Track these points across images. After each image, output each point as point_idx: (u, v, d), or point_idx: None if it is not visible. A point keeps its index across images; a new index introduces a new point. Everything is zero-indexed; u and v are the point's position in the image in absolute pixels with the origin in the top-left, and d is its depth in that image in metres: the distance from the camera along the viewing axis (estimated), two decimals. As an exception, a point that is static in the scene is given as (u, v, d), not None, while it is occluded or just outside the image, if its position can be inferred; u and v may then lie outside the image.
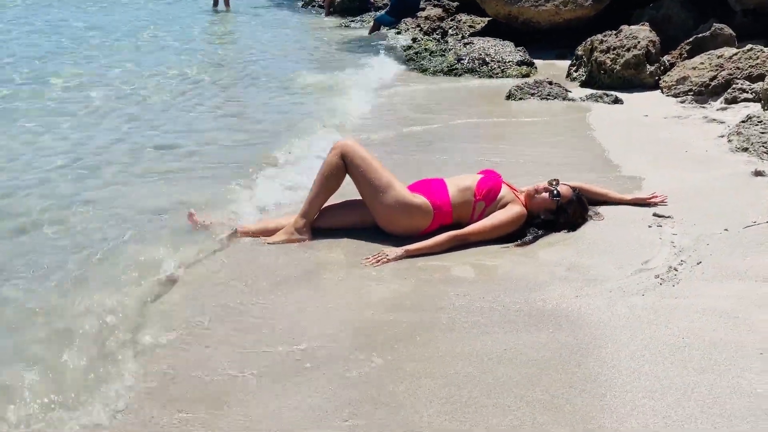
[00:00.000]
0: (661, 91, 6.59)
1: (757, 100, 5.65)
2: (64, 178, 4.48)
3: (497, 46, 8.35)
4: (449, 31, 10.60)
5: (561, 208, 3.59)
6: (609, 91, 6.59)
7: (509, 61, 8.06)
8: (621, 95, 6.53)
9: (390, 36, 10.77)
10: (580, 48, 7.49)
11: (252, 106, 6.58)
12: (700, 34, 6.98)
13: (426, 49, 9.61)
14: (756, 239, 3.29)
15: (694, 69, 6.34)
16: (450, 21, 11.01)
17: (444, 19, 11.14)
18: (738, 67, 6.09)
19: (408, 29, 10.81)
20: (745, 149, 4.61)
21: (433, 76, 8.10)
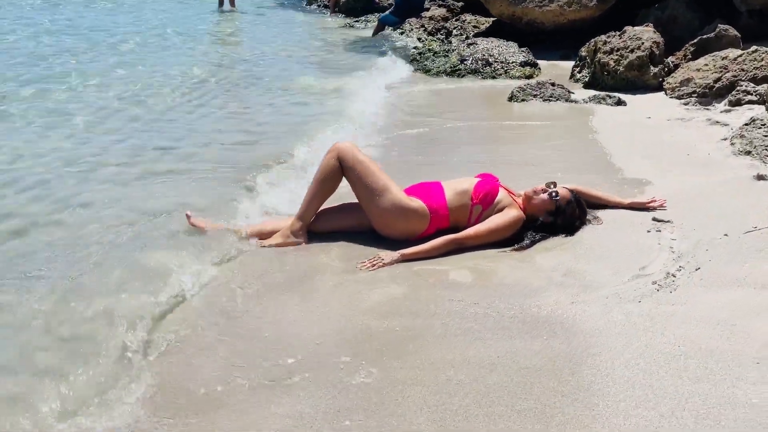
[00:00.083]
0: (665, 93, 6.53)
1: (762, 102, 5.60)
2: (64, 179, 4.48)
3: (501, 47, 8.32)
4: (453, 32, 10.57)
5: (560, 209, 3.55)
6: (612, 93, 6.54)
7: (512, 62, 8.02)
8: (624, 97, 6.48)
9: (394, 36, 10.73)
10: (584, 49, 7.44)
11: (255, 108, 6.56)
12: (704, 36, 6.92)
13: (429, 49, 9.59)
14: (756, 245, 3.25)
15: (698, 71, 6.29)
16: (455, 21, 10.96)
17: (448, 20, 11.11)
18: (742, 69, 6.03)
19: (412, 29, 10.77)
20: (747, 152, 4.56)
21: (436, 77, 8.07)
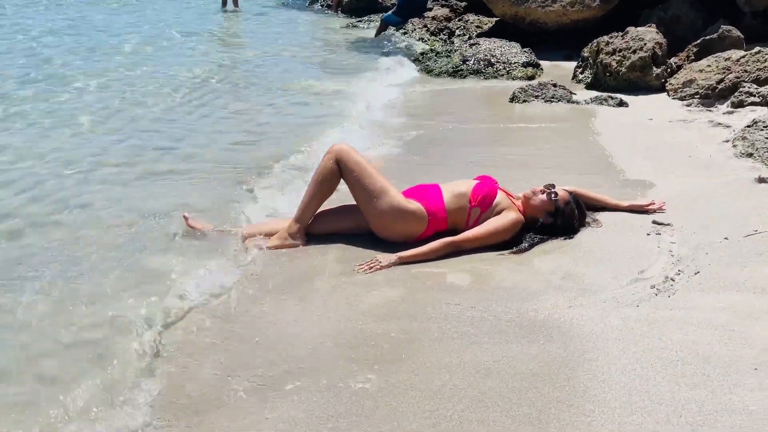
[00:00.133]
0: (668, 94, 6.49)
1: (765, 104, 5.56)
2: (64, 180, 4.49)
3: (503, 47, 8.28)
4: (456, 32, 10.53)
5: (559, 209, 3.53)
6: (614, 94, 6.50)
7: (515, 63, 7.99)
8: (626, 98, 6.45)
9: (397, 37, 10.70)
10: (586, 49, 7.41)
11: (256, 108, 6.52)
12: (707, 36, 6.88)
13: (432, 49, 9.56)
14: (756, 249, 3.22)
15: (701, 72, 6.25)
16: (457, 21, 10.93)
17: (451, 20, 11.07)
18: (745, 70, 5.99)
19: (415, 30, 10.74)
20: (749, 155, 4.53)
21: (438, 77, 8.03)
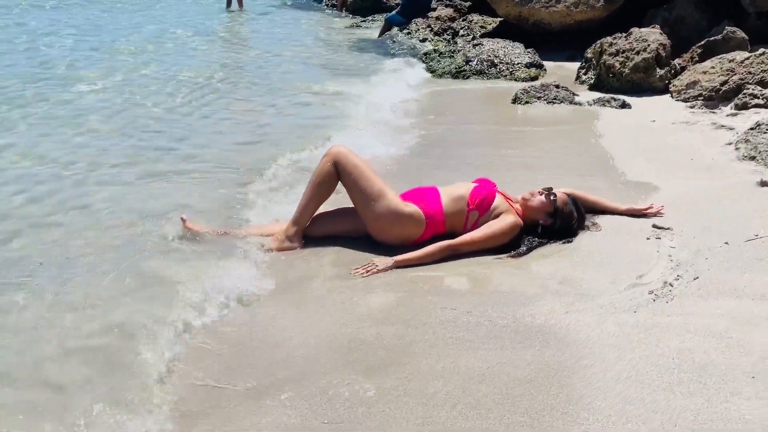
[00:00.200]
0: (671, 96, 6.45)
1: (769, 106, 5.52)
2: (63, 181, 4.46)
3: (506, 48, 8.25)
4: (460, 32, 10.50)
5: (558, 210, 3.52)
6: (617, 95, 6.45)
7: (518, 63, 7.96)
8: (629, 99, 6.41)
9: (400, 37, 10.67)
10: (590, 50, 7.36)
11: (257, 109, 6.50)
12: (711, 37, 6.83)
13: (435, 50, 9.54)
14: (756, 254, 3.19)
15: (705, 73, 6.20)
16: (462, 21, 10.89)
17: (455, 20, 11.04)
18: (750, 72, 5.94)
19: (418, 30, 10.71)
20: (752, 158, 4.48)
21: (441, 78, 8.01)
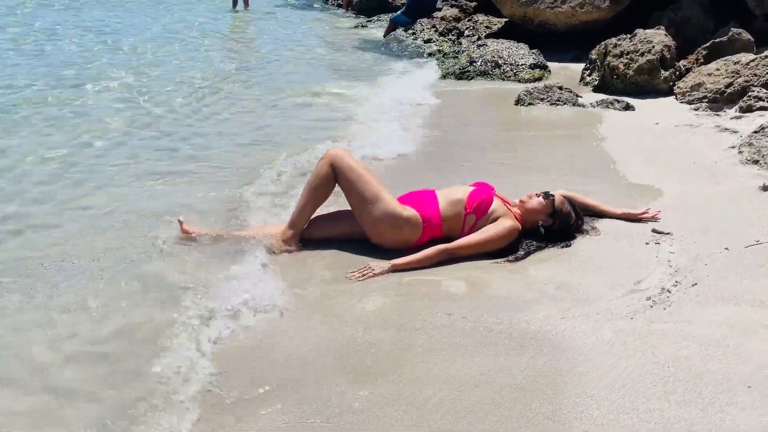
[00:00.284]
0: (675, 98, 6.39)
1: (773, 108, 5.47)
2: (63, 182, 4.45)
3: (511, 49, 8.20)
4: (465, 32, 10.45)
5: (556, 210, 3.51)
6: (621, 97, 6.40)
7: (522, 64, 7.91)
8: (633, 101, 6.36)
9: (405, 37, 10.64)
10: (594, 52, 7.31)
11: (259, 111, 6.45)
12: (717, 39, 6.77)
13: (440, 50, 9.51)
14: (756, 260, 3.15)
15: (710, 75, 6.15)
16: (467, 21, 10.84)
17: (460, 20, 10.99)
18: (755, 74, 5.88)
19: (423, 30, 10.67)
20: (755, 161, 4.44)
21: (444, 79, 7.97)
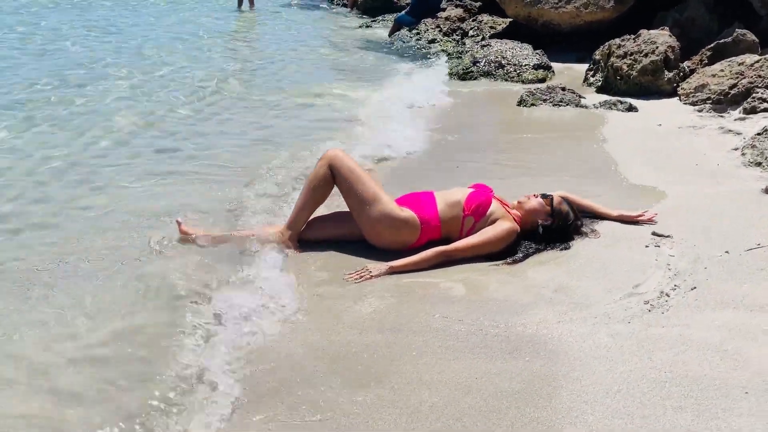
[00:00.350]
0: (679, 99, 6.35)
1: (778, 110, 5.42)
2: (63, 182, 4.45)
3: (515, 49, 8.17)
4: (470, 32, 10.42)
5: (555, 209, 3.50)
6: (624, 98, 6.36)
7: (526, 65, 7.88)
8: (637, 102, 6.32)
9: (409, 37, 10.62)
10: (598, 52, 7.26)
11: (261, 111, 6.44)
12: (721, 40, 6.72)
13: (444, 50, 9.48)
14: (757, 264, 3.12)
15: (714, 76, 6.10)
16: (471, 22, 10.81)
17: (465, 20, 10.96)
18: (759, 75, 5.83)
19: (427, 30, 10.65)
20: (758, 164, 4.41)
21: (448, 79, 7.94)
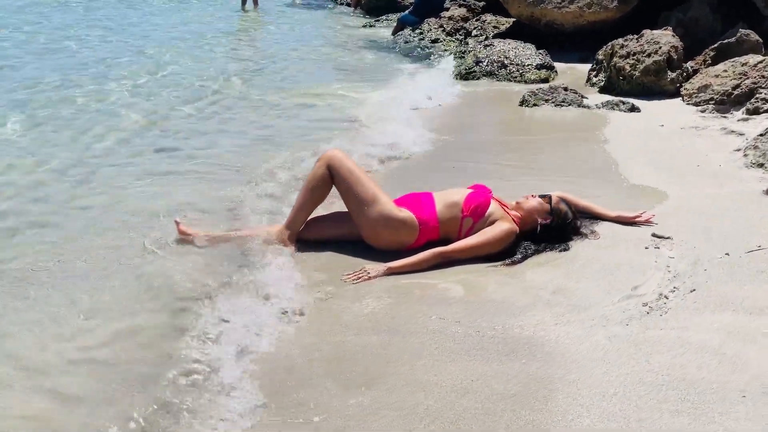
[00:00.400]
0: (682, 99, 6.31)
1: (781, 111, 5.39)
2: (63, 183, 4.45)
3: (517, 49, 8.14)
4: (473, 32, 10.40)
5: (554, 208, 3.49)
6: (626, 99, 6.33)
7: (528, 65, 7.85)
8: (639, 103, 6.29)
9: (412, 37, 10.61)
10: (601, 52, 7.22)
11: (263, 111, 6.44)
12: (725, 40, 6.69)
13: (446, 50, 9.47)
14: (757, 266, 3.10)
15: (717, 77, 6.06)
16: (475, 21, 10.78)
17: (468, 20, 10.93)
18: (763, 76, 5.79)
19: (431, 30, 10.63)
20: (760, 165, 4.37)
21: (451, 79, 7.92)
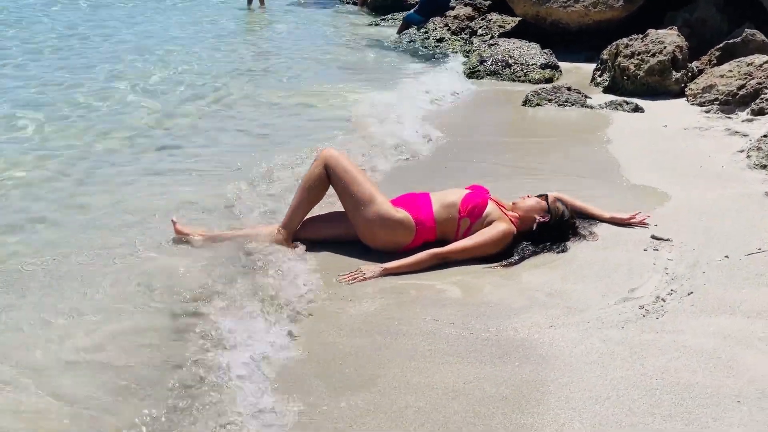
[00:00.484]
0: (687, 99, 6.27)
1: (787, 111, 5.34)
2: (63, 182, 4.44)
3: (522, 48, 8.10)
4: (478, 31, 10.36)
5: (552, 209, 3.47)
6: (631, 99, 6.28)
7: (533, 64, 7.81)
8: (643, 103, 6.24)
9: (418, 36, 10.57)
10: (605, 52, 7.18)
11: (263, 110, 6.41)
12: (731, 40, 6.63)
13: (452, 49, 9.43)
14: (757, 269, 3.06)
15: (722, 77, 6.01)
16: (480, 20, 10.74)
17: (474, 19, 10.88)
18: (768, 76, 5.75)
19: (435, 29, 10.60)
20: (763, 166, 4.33)
21: (456, 78, 7.87)
